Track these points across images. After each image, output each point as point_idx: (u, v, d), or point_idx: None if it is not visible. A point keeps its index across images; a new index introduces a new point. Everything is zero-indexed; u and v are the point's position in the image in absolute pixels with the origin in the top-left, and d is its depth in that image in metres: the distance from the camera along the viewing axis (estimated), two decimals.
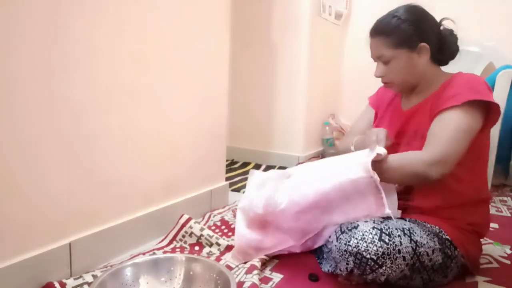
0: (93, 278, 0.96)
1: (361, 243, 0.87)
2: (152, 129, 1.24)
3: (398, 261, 0.87)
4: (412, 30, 1.02)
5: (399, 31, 1.02)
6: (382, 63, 1.07)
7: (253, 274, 0.99)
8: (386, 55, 1.04)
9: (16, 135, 0.86)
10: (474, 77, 1.01)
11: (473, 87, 0.96)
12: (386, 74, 1.07)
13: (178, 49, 1.31)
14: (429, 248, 0.92)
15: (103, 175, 1.08)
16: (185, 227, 1.25)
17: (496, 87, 1.89)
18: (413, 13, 1.04)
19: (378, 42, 1.06)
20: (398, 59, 1.04)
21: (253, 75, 2.52)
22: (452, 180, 0.99)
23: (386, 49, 1.04)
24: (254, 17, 2.47)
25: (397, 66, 1.04)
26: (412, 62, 1.04)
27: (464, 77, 1.02)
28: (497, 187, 2.11)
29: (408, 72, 1.05)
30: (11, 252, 0.87)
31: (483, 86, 0.97)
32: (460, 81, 1.01)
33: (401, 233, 0.91)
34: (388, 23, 1.04)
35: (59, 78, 0.94)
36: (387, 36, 1.03)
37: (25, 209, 0.89)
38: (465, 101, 0.94)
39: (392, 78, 1.07)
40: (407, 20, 1.02)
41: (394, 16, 1.04)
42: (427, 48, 1.03)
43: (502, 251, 1.26)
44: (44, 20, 0.89)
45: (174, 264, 0.95)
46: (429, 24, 1.05)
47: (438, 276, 0.96)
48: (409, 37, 1.02)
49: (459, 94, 0.96)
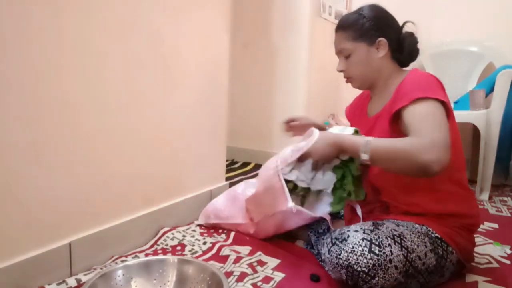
0: (76, 282, 0.95)
1: (351, 256, 0.87)
2: (152, 129, 1.24)
3: (390, 271, 0.87)
4: (371, 24, 1.06)
5: (358, 25, 1.07)
6: (344, 57, 1.10)
7: (244, 282, 1.00)
8: (346, 48, 1.08)
9: (16, 135, 0.86)
10: (423, 75, 1.00)
11: (422, 86, 0.95)
12: (347, 68, 1.10)
13: (178, 49, 1.31)
14: (421, 252, 0.92)
15: (103, 175, 1.08)
16: (167, 233, 1.26)
17: (496, 87, 1.89)
18: (374, 11, 1.08)
19: (340, 36, 1.10)
20: (357, 52, 1.07)
21: (253, 75, 2.52)
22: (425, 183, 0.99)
23: (346, 42, 1.08)
24: (254, 17, 2.47)
25: (356, 60, 1.08)
26: (371, 56, 1.07)
27: (414, 76, 1.01)
28: (497, 187, 2.11)
29: (366, 66, 1.08)
30: (11, 252, 0.87)
31: (431, 84, 0.96)
32: (409, 81, 1.00)
33: (391, 241, 0.90)
34: (348, 18, 1.10)
35: (59, 78, 0.94)
36: (347, 29, 1.08)
37: (25, 209, 0.89)
38: (413, 99, 0.92)
39: (352, 72, 1.10)
40: (367, 15, 1.07)
41: (356, 13, 1.09)
42: (385, 43, 1.06)
43: (502, 251, 1.26)
44: (44, 20, 0.89)
45: (166, 266, 0.94)
46: (389, 22, 1.09)
47: (435, 277, 0.96)
48: (367, 30, 1.06)
49: (407, 94, 0.95)
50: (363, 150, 0.92)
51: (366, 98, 1.23)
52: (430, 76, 1.00)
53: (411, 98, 0.93)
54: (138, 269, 0.92)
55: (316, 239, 1.21)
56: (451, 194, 1.02)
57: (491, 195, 1.95)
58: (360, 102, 1.26)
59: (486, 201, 1.88)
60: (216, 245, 1.22)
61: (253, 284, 1.00)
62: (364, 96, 1.26)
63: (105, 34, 1.04)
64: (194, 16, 1.37)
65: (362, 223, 0.98)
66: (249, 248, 1.19)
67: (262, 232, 1.26)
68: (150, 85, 1.21)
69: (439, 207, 1.00)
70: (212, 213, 1.38)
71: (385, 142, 0.92)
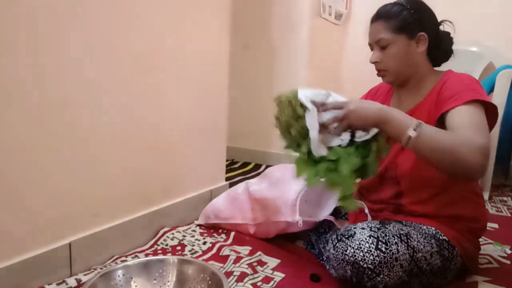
0: (76, 282, 0.95)
1: (357, 252, 0.87)
2: (152, 129, 1.24)
3: (395, 269, 0.87)
4: (413, 17, 1.01)
5: (400, 16, 1.01)
6: (380, 48, 1.04)
7: (244, 282, 1.00)
8: (385, 38, 1.01)
9: (15, 135, 0.86)
10: (468, 77, 0.99)
11: (471, 87, 0.94)
12: (382, 60, 1.04)
13: (178, 49, 1.31)
14: (427, 253, 0.92)
15: (103, 175, 1.08)
16: (167, 233, 1.26)
17: (496, 87, 1.89)
18: (417, 3, 1.04)
19: (378, 26, 1.03)
20: (396, 44, 1.01)
21: (253, 75, 2.51)
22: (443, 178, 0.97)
23: (386, 32, 1.01)
24: (254, 17, 2.47)
25: (394, 52, 1.02)
26: (410, 50, 1.02)
27: (458, 76, 1.00)
28: (497, 187, 2.11)
29: (404, 60, 1.03)
30: (11, 252, 0.87)
31: (479, 86, 0.96)
32: (455, 81, 0.99)
33: (398, 240, 0.90)
34: (390, 8, 1.04)
35: (58, 78, 0.93)
36: (388, 19, 1.02)
37: (25, 209, 0.89)
38: (467, 100, 0.90)
39: (388, 65, 1.03)
40: (410, 8, 1.02)
41: (397, 4, 1.04)
42: (426, 38, 1.02)
43: (502, 251, 1.26)
44: (44, 20, 0.89)
45: (166, 266, 0.94)
46: (430, 17, 1.05)
47: (438, 279, 0.96)
48: (409, 23, 1.01)
49: (458, 94, 0.93)
50: (413, 126, 0.82)
51: (387, 93, 1.19)
52: (472, 77, 0.98)
53: (465, 99, 0.90)
54: (138, 269, 0.92)
55: (317, 238, 1.21)
56: (464, 197, 1.02)
57: (491, 195, 1.95)
58: (380, 95, 1.20)
59: (486, 201, 1.88)
60: (216, 245, 1.22)
61: (253, 284, 1.00)
62: (383, 90, 1.21)
63: (104, 34, 1.04)
64: (193, 16, 1.36)
65: (368, 222, 0.97)
66: (249, 248, 1.19)
67: (263, 233, 1.26)
68: (150, 85, 1.21)
69: (450, 209, 1.00)
70: (212, 213, 1.38)
71: (436, 129, 0.85)
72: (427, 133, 0.82)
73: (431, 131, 0.83)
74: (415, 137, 0.82)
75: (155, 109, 1.24)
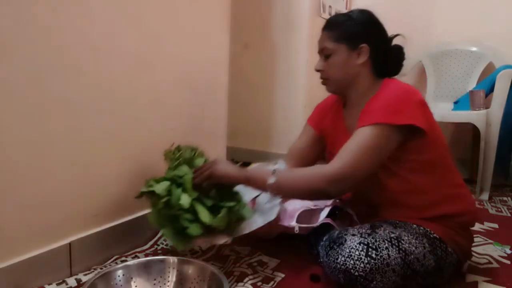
0: (76, 282, 0.95)
1: (348, 260, 0.88)
2: (151, 129, 1.23)
3: (388, 274, 0.87)
4: (357, 29, 1.03)
5: (344, 27, 1.04)
6: (324, 57, 1.07)
7: (244, 282, 1.00)
8: (328, 47, 1.05)
9: (15, 135, 0.86)
10: (398, 92, 0.96)
11: (391, 107, 0.93)
12: (325, 68, 1.07)
13: (178, 49, 1.31)
14: (420, 254, 0.92)
15: (103, 175, 1.08)
16: None
17: (496, 87, 1.89)
18: (364, 15, 1.06)
19: (324, 35, 1.07)
20: (337, 54, 1.04)
21: (253, 75, 2.51)
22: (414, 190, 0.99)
23: (329, 41, 1.05)
24: (254, 17, 2.46)
25: (336, 61, 1.04)
26: (350, 60, 1.04)
27: (387, 93, 0.98)
28: (497, 187, 2.11)
29: (344, 69, 1.05)
30: (11, 252, 0.87)
31: (404, 105, 0.93)
32: (381, 98, 0.97)
33: (388, 244, 0.90)
34: (337, 18, 1.08)
35: (58, 78, 0.94)
36: (332, 29, 1.06)
37: (25, 209, 0.89)
38: (373, 123, 0.91)
39: (329, 74, 1.07)
40: (355, 19, 1.04)
41: (345, 14, 1.07)
42: (367, 50, 1.03)
43: (502, 251, 1.26)
44: (43, 19, 0.89)
45: (166, 266, 0.94)
46: (377, 30, 1.06)
47: (434, 278, 0.96)
48: (352, 34, 1.03)
49: (372, 113, 0.94)
50: (271, 175, 0.94)
51: (338, 107, 1.19)
52: (405, 93, 0.96)
53: (370, 122, 0.92)
54: (138, 269, 0.92)
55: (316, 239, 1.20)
56: (446, 196, 1.01)
57: (491, 195, 1.95)
58: (328, 114, 1.21)
59: (486, 201, 1.88)
60: (216, 245, 1.22)
61: (253, 284, 1.00)
62: (332, 104, 1.21)
63: (104, 34, 1.04)
64: (193, 16, 1.36)
65: (359, 226, 0.98)
66: (249, 248, 1.19)
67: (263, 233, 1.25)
68: (149, 85, 1.21)
69: (435, 210, 1.00)
70: None
71: (290, 170, 1.02)
72: (282, 176, 0.95)
73: (286, 173, 0.98)
74: (274, 182, 0.93)
75: (155, 109, 1.24)
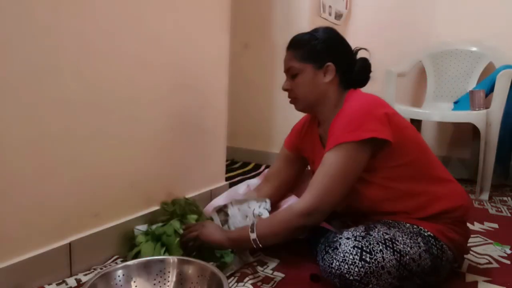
0: (76, 282, 0.95)
1: (342, 265, 0.88)
2: (151, 129, 1.24)
3: (383, 277, 0.87)
4: (322, 48, 1.04)
5: (309, 46, 1.05)
6: (290, 76, 1.08)
7: (244, 282, 1.00)
8: (294, 67, 1.06)
9: (15, 135, 0.86)
10: (357, 108, 0.97)
11: (351, 124, 0.94)
12: (292, 88, 1.08)
13: (177, 49, 1.31)
14: (415, 254, 0.91)
15: (103, 175, 1.08)
16: None
17: (496, 87, 1.90)
18: (327, 34, 1.06)
19: (289, 54, 1.08)
20: (304, 73, 1.05)
21: (253, 75, 2.51)
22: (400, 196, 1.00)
23: (295, 61, 1.06)
24: (254, 17, 2.47)
25: (302, 81, 1.06)
26: (317, 79, 1.05)
27: (349, 108, 0.99)
28: (497, 187, 2.11)
29: (311, 88, 1.06)
30: (11, 252, 0.87)
31: (363, 118, 0.94)
32: (343, 116, 0.98)
33: (382, 246, 0.90)
34: (301, 37, 1.08)
35: (58, 78, 0.93)
36: (296, 49, 1.07)
37: (25, 209, 0.89)
38: (337, 143, 0.93)
39: (297, 93, 1.08)
40: (319, 37, 1.05)
41: (309, 33, 1.07)
42: (333, 69, 1.04)
43: (502, 251, 1.26)
44: (43, 19, 0.89)
45: (166, 266, 0.94)
46: (340, 47, 1.07)
47: (432, 277, 0.96)
48: (317, 53, 1.04)
49: (334, 134, 0.96)
50: (250, 230, 0.96)
51: (313, 126, 1.19)
52: (364, 107, 0.96)
53: (335, 143, 0.94)
54: (138, 269, 0.92)
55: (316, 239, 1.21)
56: (435, 194, 1.00)
57: (491, 195, 1.95)
58: (307, 130, 1.22)
59: (486, 201, 1.88)
60: None
61: (253, 284, 1.00)
62: (308, 124, 1.22)
63: (103, 34, 1.04)
64: (193, 16, 1.36)
65: (354, 228, 0.97)
66: None
67: None
68: (149, 85, 1.21)
69: (426, 211, 0.99)
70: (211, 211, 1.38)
71: (266, 218, 1.04)
72: (261, 228, 0.97)
73: (264, 224, 0.98)
74: (256, 236, 0.95)
75: (155, 109, 1.24)
